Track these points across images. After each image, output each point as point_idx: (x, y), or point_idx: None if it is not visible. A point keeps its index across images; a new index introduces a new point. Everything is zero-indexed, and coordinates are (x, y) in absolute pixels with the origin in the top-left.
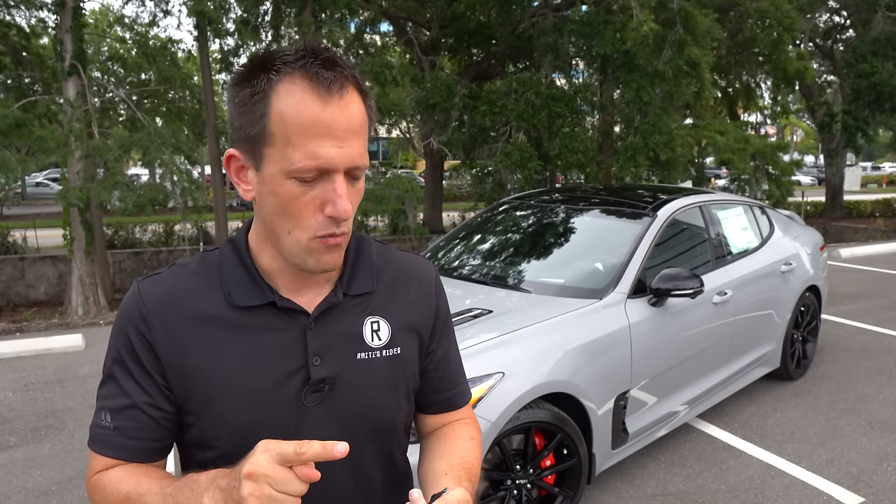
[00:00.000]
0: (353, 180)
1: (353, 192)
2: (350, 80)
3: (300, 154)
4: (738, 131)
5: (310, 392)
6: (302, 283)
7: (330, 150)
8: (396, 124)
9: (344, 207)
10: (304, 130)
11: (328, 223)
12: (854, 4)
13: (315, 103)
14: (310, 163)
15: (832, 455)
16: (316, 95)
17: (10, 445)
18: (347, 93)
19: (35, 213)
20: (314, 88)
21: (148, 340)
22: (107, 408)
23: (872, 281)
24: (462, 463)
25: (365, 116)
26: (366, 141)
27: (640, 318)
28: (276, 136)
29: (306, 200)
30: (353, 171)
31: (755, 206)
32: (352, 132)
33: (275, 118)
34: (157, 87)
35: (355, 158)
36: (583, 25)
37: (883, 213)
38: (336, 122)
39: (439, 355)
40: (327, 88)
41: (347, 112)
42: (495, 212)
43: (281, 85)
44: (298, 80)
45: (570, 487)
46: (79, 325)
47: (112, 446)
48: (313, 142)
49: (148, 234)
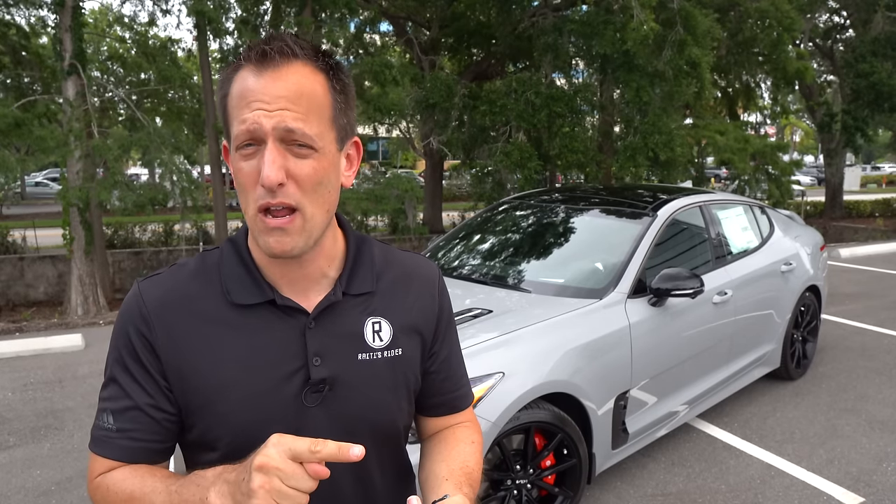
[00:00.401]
0: (297, 150)
1: (297, 166)
2: (292, 56)
3: (236, 122)
4: (738, 131)
5: (310, 392)
6: (300, 282)
7: (256, 114)
8: (396, 124)
9: (267, 173)
10: (240, 99)
11: (264, 192)
12: (854, 4)
13: (250, 76)
14: (240, 128)
15: (832, 455)
16: (252, 70)
17: (10, 445)
18: (287, 64)
19: (34, 212)
20: (252, 64)
21: (149, 341)
22: (109, 409)
23: (872, 281)
24: (463, 468)
25: (318, 89)
26: (312, 116)
27: (640, 317)
28: (230, 115)
29: (248, 171)
30: (287, 135)
31: (755, 206)
32: (283, 97)
33: (229, 99)
34: (157, 86)
35: (285, 119)
36: (583, 25)
37: (883, 213)
38: (266, 88)
39: (442, 357)
40: (263, 62)
41: (281, 79)
42: (495, 212)
43: (235, 72)
44: (247, 65)
45: (570, 487)
46: (78, 324)
47: (114, 448)
48: (245, 109)
49: (147, 234)
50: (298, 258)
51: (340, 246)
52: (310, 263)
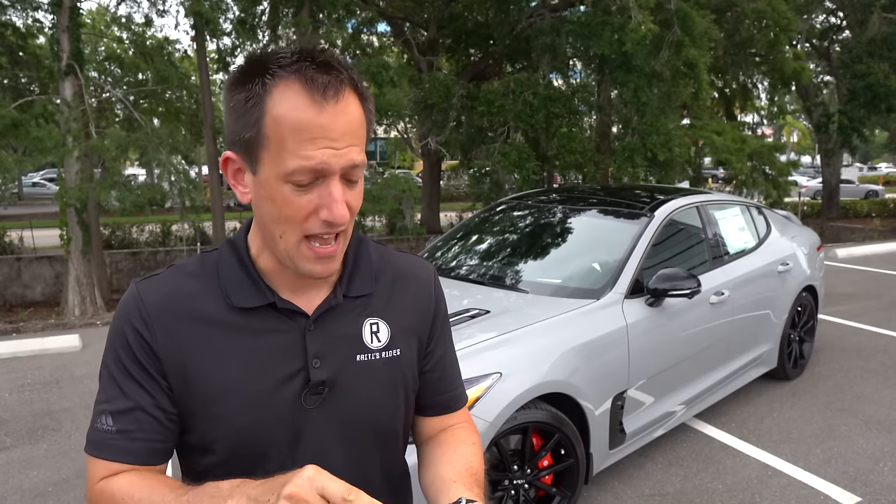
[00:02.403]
0: (351, 184)
1: (352, 196)
2: (347, 84)
3: (295, 158)
4: (736, 132)
5: (310, 394)
6: (301, 285)
7: (325, 153)
8: (394, 125)
9: (340, 212)
10: (299, 134)
11: (322, 225)
12: (850, 5)
13: (310, 108)
14: (305, 164)
15: (829, 455)
16: (310, 100)
17: (7, 446)
18: (343, 96)
19: (32, 213)
20: (309, 92)
21: (147, 342)
22: (107, 411)
23: (869, 281)
24: (468, 469)
25: (362, 118)
26: (363, 143)
27: (638, 318)
28: (270, 140)
29: (302, 204)
30: (349, 173)
31: (752, 207)
32: (348, 135)
33: (269, 122)
34: (155, 87)
35: (353, 159)
36: (581, 26)
37: (879, 213)
38: (331, 125)
39: (437, 356)
40: (322, 93)
41: (343, 115)
42: (493, 212)
43: (276, 89)
44: (293, 84)
45: (567, 488)
46: (76, 325)
47: (115, 450)
48: (308, 145)
49: (145, 235)
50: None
51: None
52: None
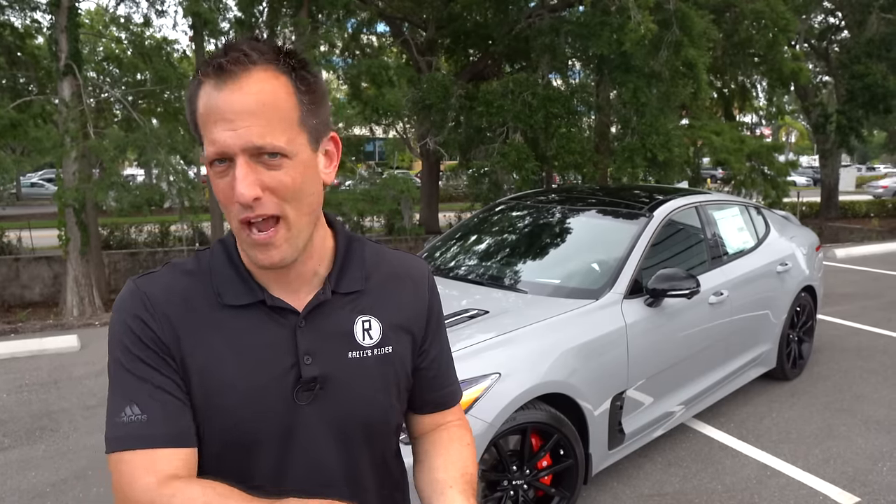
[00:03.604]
0: (269, 161)
1: (271, 177)
2: (256, 64)
3: (206, 142)
4: (734, 132)
5: (301, 391)
6: (290, 281)
7: (222, 134)
8: (393, 125)
9: (241, 191)
10: (206, 118)
11: (241, 208)
12: (849, 6)
13: (212, 92)
14: (210, 149)
15: (828, 455)
16: (213, 85)
17: (5, 447)
18: (245, 76)
19: (30, 213)
20: (212, 78)
21: (153, 329)
22: (131, 400)
23: (868, 281)
24: (464, 474)
25: (280, 94)
26: (279, 122)
27: (637, 318)
28: (200, 131)
29: (221, 187)
30: (255, 151)
31: (751, 207)
32: (246, 113)
33: (196, 115)
34: (153, 87)
35: (252, 138)
36: (580, 26)
37: (878, 213)
38: (227, 105)
39: (433, 354)
40: (221, 76)
41: (240, 95)
42: (492, 212)
43: (200, 86)
44: (207, 75)
45: (566, 488)
46: (74, 325)
47: (153, 437)
48: (211, 129)
49: (143, 235)
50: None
51: (330, 244)
52: (301, 265)
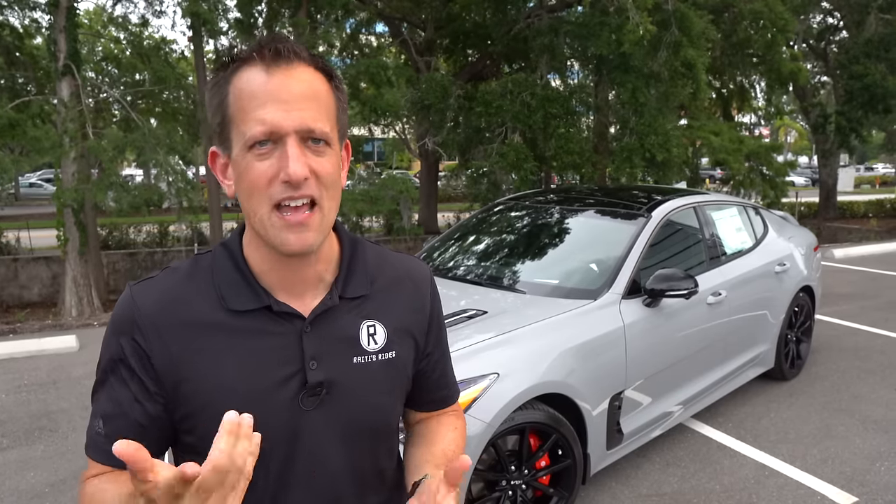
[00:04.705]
0: (314, 150)
1: (317, 162)
2: (303, 59)
3: (250, 122)
4: (733, 132)
5: (307, 396)
6: (296, 285)
7: (276, 114)
8: (392, 125)
9: (294, 169)
10: (253, 101)
11: (284, 188)
12: (847, 6)
13: (261, 75)
14: (258, 128)
15: (826, 455)
16: (261, 68)
17: (3, 447)
18: (295, 65)
19: (29, 213)
20: (260, 63)
21: (141, 348)
22: (100, 414)
23: (866, 281)
24: (444, 451)
25: (326, 93)
26: (326, 114)
27: (635, 318)
28: (234, 116)
29: (263, 169)
30: (307, 134)
31: (749, 207)
32: (300, 97)
33: (232, 100)
34: (152, 87)
35: (306, 121)
36: (578, 27)
37: (876, 213)
38: (280, 88)
39: (436, 357)
40: (272, 60)
41: (293, 80)
42: (490, 212)
43: (235, 72)
44: (249, 62)
45: (564, 488)
46: (73, 326)
47: (102, 453)
48: (260, 109)
49: (142, 235)
50: (298, 262)
51: (335, 248)
52: (308, 268)
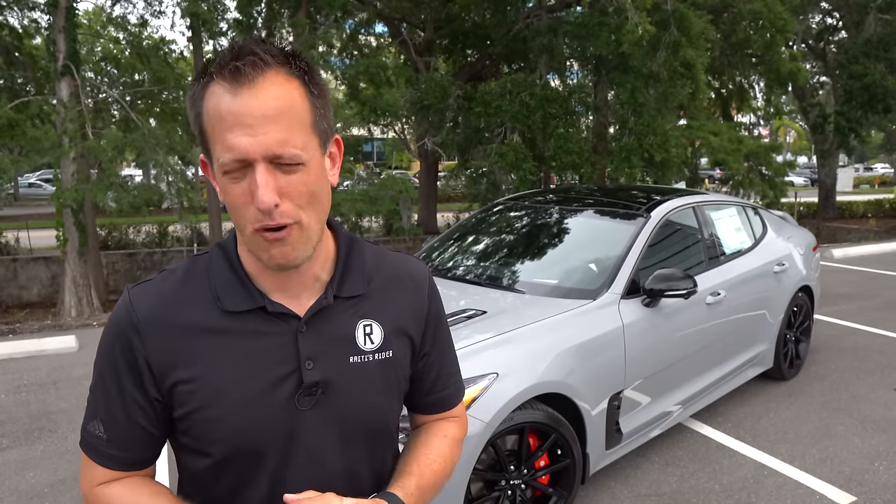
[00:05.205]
0: (285, 169)
1: (288, 182)
2: (270, 67)
3: (220, 149)
4: (732, 132)
5: (303, 396)
6: (290, 285)
7: (241, 140)
8: (391, 125)
9: (262, 198)
10: (220, 124)
11: (259, 215)
12: (846, 6)
13: (226, 96)
14: (227, 155)
15: (825, 454)
16: (226, 88)
17: (3, 447)
18: (260, 81)
19: (28, 213)
20: (225, 82)
21: (139, 351)
22: (99, 418)
23: (865, 281)
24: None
25: (296, 97)
26: (295, 127)
27: (634, 318)
28: (209, 134)
29: (238, 194)
30: (275, 159)
31: (748, 207)
32: (265, 119)
33: (204, 117)
34: (151, 87)
35: (272, 147)
36: (577, 27)
37: (875, 213)
38: (245, 111)
39: (433, 357)
40: (236, 79)
41: (258, 100)
42: (490, 212)
43: (207, 87)
44: (216, 78)
45: (564, 488)
46: (72, 326)
47: (107, 458)
48: (228, 133)
49: (142, 235)
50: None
51: (331, 248)
52: (304, 269)
